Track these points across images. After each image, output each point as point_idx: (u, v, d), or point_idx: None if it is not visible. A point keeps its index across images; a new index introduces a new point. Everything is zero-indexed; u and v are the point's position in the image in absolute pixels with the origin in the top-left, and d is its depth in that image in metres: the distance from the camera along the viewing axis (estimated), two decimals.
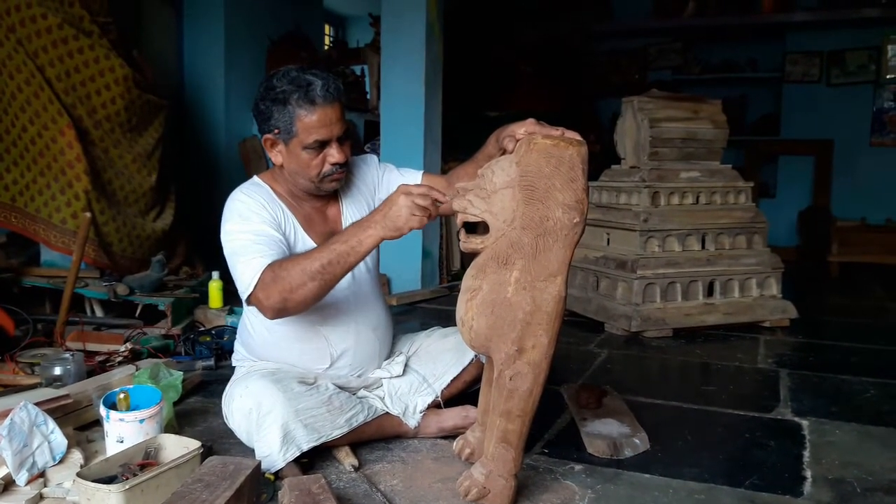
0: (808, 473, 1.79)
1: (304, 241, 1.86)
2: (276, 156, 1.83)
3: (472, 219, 1.60)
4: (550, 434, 2.06)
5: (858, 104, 6.49)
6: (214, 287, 3.31)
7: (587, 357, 2.98)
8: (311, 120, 1.74)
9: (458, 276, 4.77)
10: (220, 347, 2.81)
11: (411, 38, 4.39)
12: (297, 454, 1.70)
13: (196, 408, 2.25)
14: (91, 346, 2.63)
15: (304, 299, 1.68)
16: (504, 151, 1.67)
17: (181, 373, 2.19)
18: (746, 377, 2.75)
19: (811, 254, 5.89)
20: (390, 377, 2.01)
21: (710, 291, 3.59)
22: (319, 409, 1.75)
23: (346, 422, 1.79)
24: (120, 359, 2.58)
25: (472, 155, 1.95)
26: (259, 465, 1.56)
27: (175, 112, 3.95)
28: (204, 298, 3.36)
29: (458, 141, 5.10)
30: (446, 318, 3.77)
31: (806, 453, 1.93)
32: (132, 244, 3.31)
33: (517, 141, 1.58)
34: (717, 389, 2.55)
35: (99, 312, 3.15)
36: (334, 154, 1.79)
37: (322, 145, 1.78)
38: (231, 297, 3.62)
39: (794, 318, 3.57)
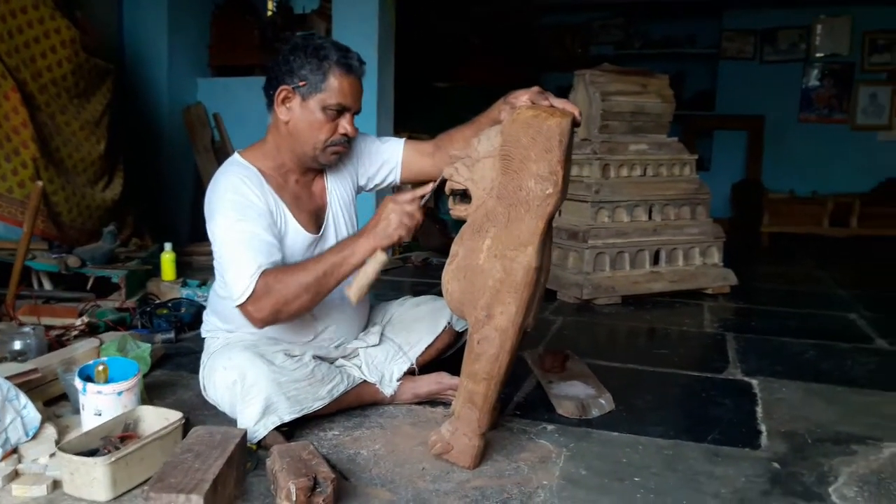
0: (763, 427, 1.92)
1: (296, 229, 1.84)
2: (285, 112, 1.79)
3: (457, 186, 1.63)
4: (519, 397, 2.14)
5: (788, 81, 6.80)
6: (167, 259, 3.25)
7: (543, 324, 3.07)
8: (343, 83, 1.76)
9: (411, 248, 4.80)
10: (180, 320, 2.77)
11: (364, 5, 4.35)
12: (278, 423, 1.71)
13: (163, 381, 2.22)
14: (45, 321, 2.55)
15: (296, 310, 1.71)
16: None
17: (149, 345, 2.16)
18: (695, 341, 2.89)
19: (744, 225, 6.17)
20: (367, 346, 2.03)
21: (655, 260, 3.73)
22: (302, 381, 1.76)
23: (327, 393, 1.81)
24: (76, 332, 2.51)
25: (423, 125, 1.97)
26: (245, 433, 1.57)
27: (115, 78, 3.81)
28: (156, 271, 3.30)
29: (408, 112, 5.09)
30: (399, 289, 3.81)
31: (758, 409, 2.06)
32: (81, 214, 3.20)
33: (513, 109, 1.61)
34: (669, 353, 2.68)
35: (47, 285, 3.04)
36: (346, 126, 1.80)
37: (339, 113, 1.78)
38: (183, 268, 3.57)
39: (734, 286, 3.76)
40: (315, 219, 1.91)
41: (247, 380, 1.70)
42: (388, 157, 2.01)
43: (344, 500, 1.48)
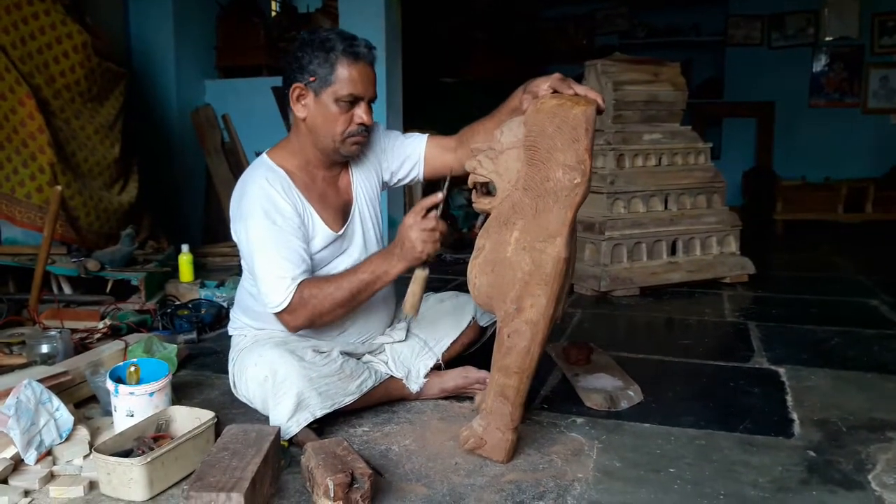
0: (795, 416, 1.90)
1: (322, 229, 1.85)
2: (301, 109, 1.79)
3: (481, 179, 1.62)
4: (546, 390, 2.13)
5: (798, 66, 6.74)
6: (185, 261, 3.26)
7: (563, 317, 3.03)
8: (352, 72, 1.74)
9: None
10: (201, 320, 2.77)
11: (370, 4, 4.33)
12: (311, 420, 1.71)
13: (189, 380, 2.22)
14: (68, 324, 2.55)
15: (329, 321, 1.81)
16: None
17: (174, 346, 2.16)
18: (717, 330, 2.87)
19: (756, 213, 6.13)
20: (393, 342, 2.03)
21: (673, 250, 3.71)
22: (332, 376, 1.76)
23: (356, 388, 1.81)
24: (99, 335, 2.52)
25: (432, 122, 1.96)
26: (279, 431, 1.57)
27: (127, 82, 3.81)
28: (174, 272, 3.30)
29: (416, 108, 5.08)
30: None
31: (788, 398, 2.04)
32: (99, 218, 3.20)
33: (535, 99, 1.59)
34: (692, 343, 2.67)
35: (67, 289, 3.05)
36: (362, 115, 1.79)
37: (353, 103, 1.77)
38: (198, 269, 3.57)
39: (752, 274, 3.73)
40: (342, 214, 1.91)
41: (278, 375, 1.70)
42: (410, 153, 2.00)
43: (380, 496, 1.47)
